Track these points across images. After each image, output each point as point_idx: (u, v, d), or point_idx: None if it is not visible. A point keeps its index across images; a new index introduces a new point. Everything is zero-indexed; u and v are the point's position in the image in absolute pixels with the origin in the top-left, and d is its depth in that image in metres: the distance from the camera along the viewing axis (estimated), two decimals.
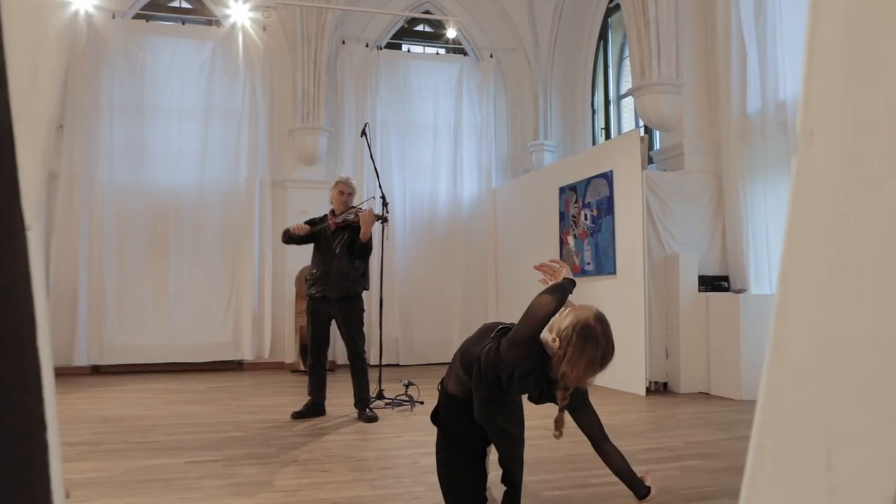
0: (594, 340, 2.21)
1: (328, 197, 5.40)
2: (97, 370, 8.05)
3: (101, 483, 3.25)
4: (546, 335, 2.28)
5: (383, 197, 5.71)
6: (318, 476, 3.40)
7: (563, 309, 2.33)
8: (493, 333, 2.42)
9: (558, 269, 2.44)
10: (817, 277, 0.59)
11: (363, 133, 5.54)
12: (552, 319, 2.29)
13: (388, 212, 5.67)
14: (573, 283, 2.38)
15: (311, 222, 5.42)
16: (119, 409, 5.46)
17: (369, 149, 5.79)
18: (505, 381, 2.29)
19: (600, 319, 2.27)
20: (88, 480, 3.29)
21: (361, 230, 5.07)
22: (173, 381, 7.32)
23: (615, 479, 3.28)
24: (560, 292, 2.30)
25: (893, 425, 0.51)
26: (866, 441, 0.53)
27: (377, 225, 5.46)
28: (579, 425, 2.49)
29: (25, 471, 0.54)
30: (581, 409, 2.47)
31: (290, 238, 5.29)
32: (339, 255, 5.13)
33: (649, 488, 2.46)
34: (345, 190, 5.31)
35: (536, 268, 2.53)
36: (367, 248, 5.18)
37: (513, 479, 2.47)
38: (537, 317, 2.24)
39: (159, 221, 8.31)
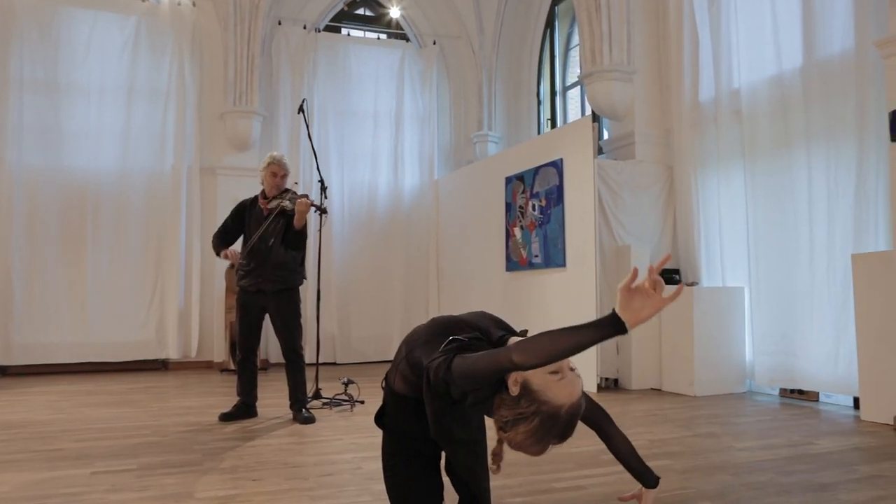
0: (556, 432, 1.78)
1: (259, 177, 4.91)
2: (3, 371, 7.33)
3: None
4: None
5: (321, 181, 5.29)
6: (247, 486, 2.98)
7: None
8: (445, 345, 1.94)
9: (652, 296, 1.58)
10: None
11: (300, 109, 5.10)
12: None
13: (326, 197, 5.24)
14: (616, 332, 1.60)
15: (240, 207, 4.94)
16: (23, 414, 4.88)
17: (307, 127, 5.36)
18: (457, 396, 1.88)
19: (574, 413, 1.79)
20: None
21: (295, 219, 4.62)
22: (89, 382, 6.71)
23: (581, 482, 2.99)
24: (560, 348, 1.64)
25: None
26: None
27: (314, 215, 5.03)
28: None
29: None
30: None
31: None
32: (275, 244, 4.66)
33: (658, 478, 2.14)
34: (278, 171, 4.80)
35: (657, 271, 1.61)
36: (301, 236, 4.73)
37: (478, 492, 2.11)
38: (493, 370, 1.72)
39: (75, 209, 7.63)
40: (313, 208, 4.71)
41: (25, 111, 7.50)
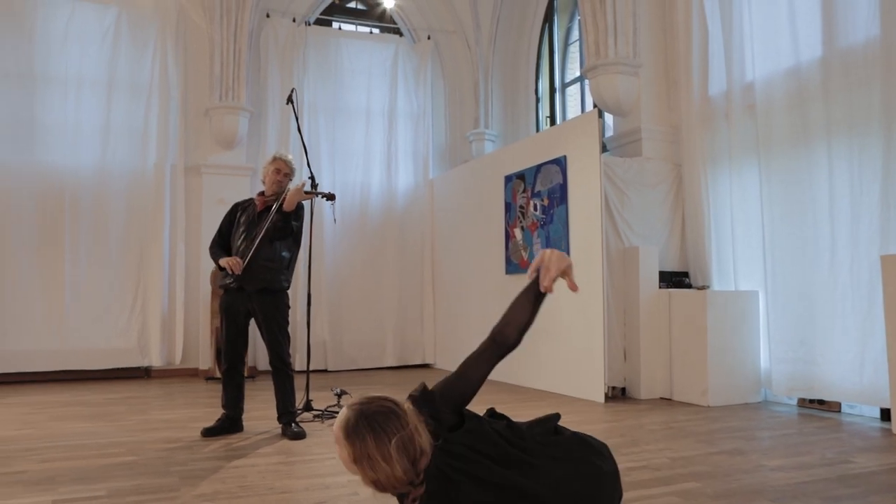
0: None
1: (261, 174, 4.62)
2: None
3: None
4: None
5: (312, 177, 4.94)
6: None
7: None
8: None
9: None
10: None
11: (289, 100, 4.76)
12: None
13: (316, 185, 4.90)
14: None
15: (233, 208, 4.63)
16: None
17: (296, 119, 5.00)
18: None
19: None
20: None
21: (286, 200, 4.27)
22: (64, 392, 6.33)
23: None
24: None
25: None
26: None
27: (326, 205, 4.92)
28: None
29: None
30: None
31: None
32: (262, 241, 4.31)
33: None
34: (282, 168, 4.51)
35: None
36: (287, 224, 4.33)
37: None
38: None
39: (52, 208, 7.23)
40: (322, 197, 4.67)
41: None
